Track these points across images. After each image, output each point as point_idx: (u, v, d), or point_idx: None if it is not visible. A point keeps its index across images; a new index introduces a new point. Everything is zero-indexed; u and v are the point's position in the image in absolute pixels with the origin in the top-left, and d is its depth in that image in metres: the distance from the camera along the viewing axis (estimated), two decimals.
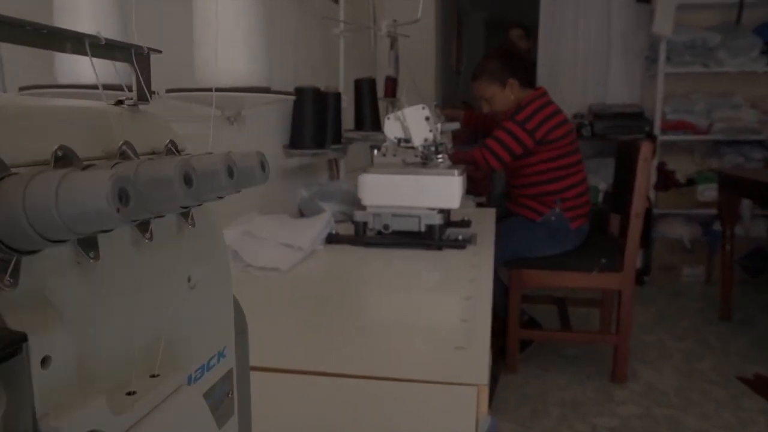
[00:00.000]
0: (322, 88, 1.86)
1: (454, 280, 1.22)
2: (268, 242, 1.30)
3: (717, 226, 3.72)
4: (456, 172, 1.38)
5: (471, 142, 2.79)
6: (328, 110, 1.86)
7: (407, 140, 1.47)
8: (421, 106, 1.44)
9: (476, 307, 1.00)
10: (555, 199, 2.32)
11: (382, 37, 3.04)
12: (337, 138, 1.91)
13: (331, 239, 1.47)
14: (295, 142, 1.72)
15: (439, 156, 1.47)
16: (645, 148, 2.26)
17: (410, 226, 1.43)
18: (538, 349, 2.64)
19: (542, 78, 3.95)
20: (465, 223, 1.67)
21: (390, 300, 1.10)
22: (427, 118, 1.44)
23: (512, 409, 2.21)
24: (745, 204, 3.50)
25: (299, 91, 1.70)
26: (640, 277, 3.74)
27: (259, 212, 1.54)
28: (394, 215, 1.43)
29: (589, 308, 2.95)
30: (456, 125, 1.56)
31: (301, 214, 1.83)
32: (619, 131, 3.67)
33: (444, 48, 4.75)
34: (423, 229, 1.42)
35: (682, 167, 3.93)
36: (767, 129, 3.67)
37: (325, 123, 1.86)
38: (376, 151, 1.54)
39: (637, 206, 2.29)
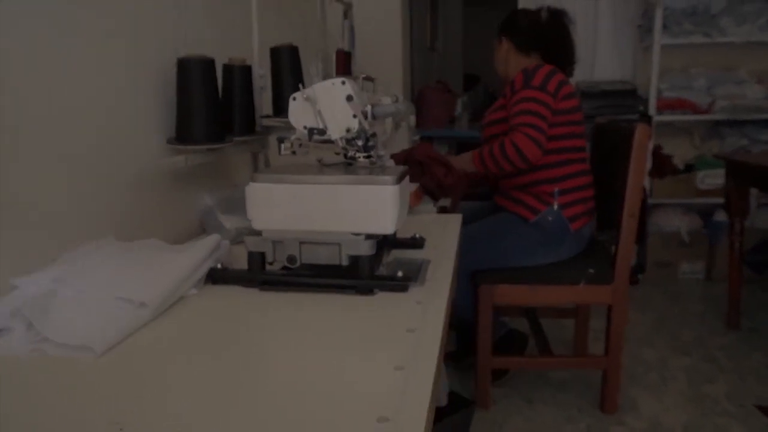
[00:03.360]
0: (227, 60, 1.40)
1: (385, 339, 0.79)
2: (90, 297, 0.84)
3: (719, 217, 3.33)
4: (390, 177, 0.94)
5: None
6: (234, 90, 1.39)
7: (322, 131, 1.01)
8: (340, 80, 0.99)
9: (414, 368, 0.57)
10: (552, 190, 1.90)
11: (333, 3, 2.57)
12: (250, 126, 1.45)
13: (216, 277, 1.02)
14: (181, 134, 1.26)
15: (370, 154, 1.02)
16: (641, 133, 1.84)
17: (326, 257, 0.99)
18: (518, 371, 2.23)
19: None
20: (416, 242, 1.23)
21: (289, 374, 0.68)
22: (350, 98, 0.99)
23: None
24: (752, 192, 3.09)
25: (183, 65, 1.24)
26: (634, 275, 3.34)
27: (122, 233, 1.09)
28: (303, 243, 0.99)
29: (561, 318, 2.55)
30: (399, 108, 1.10)
31: (205, 232, 1.39)
32: (609, 111, 3.24)
33: (417, 23, 4.29)
34: (345, 262, 0.98)
35: (679, 151, 3.52)
36: None
37: (231, 107, 1.40)
38: (282, 147, 1.09)
39: (632, 204, 1.87)
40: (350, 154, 1.03)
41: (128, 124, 1.17)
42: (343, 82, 0.99)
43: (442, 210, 1.67)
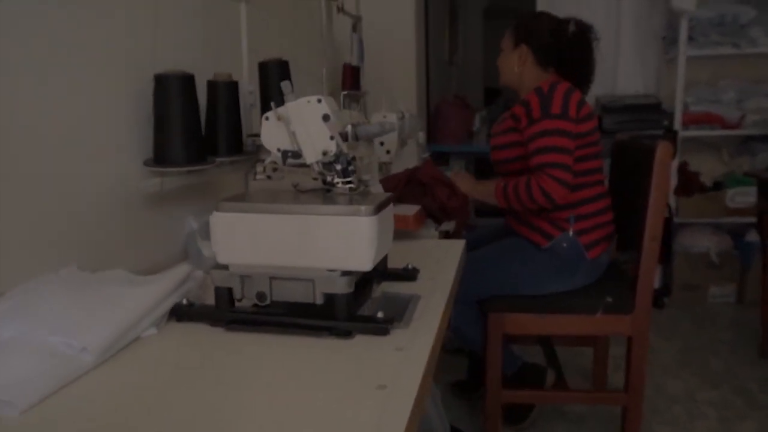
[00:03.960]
0: (212, 76, 1.31)
1: (355, 395, 0.69)
2: (27, 339, 0.75)
3: (751, 237, 3.15)
4: (366, 207, 0.83)
5: None
6: (219, 108, 1.31)
7: (296, 154, 0.92)
8: (315, 98, 0.90)
9: None
10: (567, 216, 1.76)
11: (340, 16, 2.50)
12: (237, 146, 1.37)
13: (180, 314, 0.93)
14: (159, 155, 1.18)
15: (350, 179, 0.92)
16: (662, 151, 1.71)
17: (299, 295, 0.89)
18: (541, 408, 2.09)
19: None
20: (408, 274, 1.12)
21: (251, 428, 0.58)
22: (327, 118, 0.89)
23: None
24: None
25: (160, 81, 1.16)
26: (659, 298, 3.17)
27: (89, 262, 1.00)
28: (273, 278, 0.89)
29: (579, 347, 2.40)
30: (386, 128, 1.00)
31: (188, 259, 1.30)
32: (633, 126, 3.09)
33: (435, 36, 4.20)
34: (319, 300, 0.88)
35: (707, 168, 3.35)
36: None
37: (215, 126, 1.32)
38: (257, 171, 0.99)
39: (654, 227, 1.73)
40: (329, 179, 0.93)
41: (99, 144, 1.09)
42: (319, 100, 0.89)
43: (445, 235, 1.56)
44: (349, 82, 2.47)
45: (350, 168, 0.91)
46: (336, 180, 0.91)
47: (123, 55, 1.14)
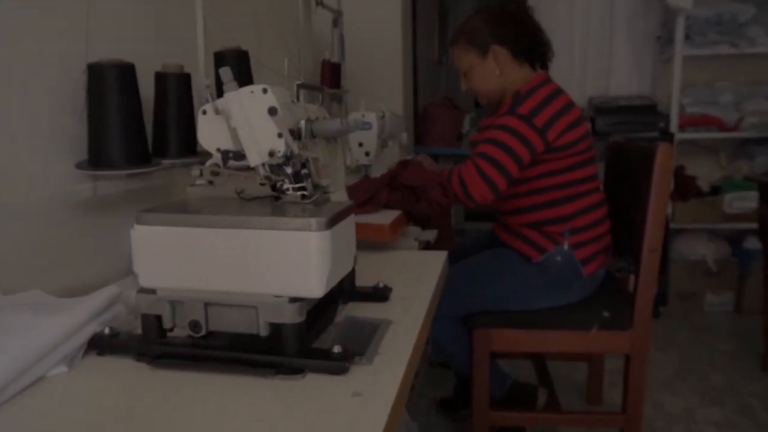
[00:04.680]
0: (161, 68, 1.16)
1: None
2: None
3: (750, 244, 3.03)
4: (317, 220, 0.68)
5: None
6: (167, 102, 1.16)
7: (239, 155, 0.77)
8: (260, 87, 0.75)
9: None
10: (562, 229, 1.61)
11: (319, 10, 2.35)
12: (190, 146, 1.21)
13: (101, 346, 0.78)
14: (93, 156, 1.03)
15: (303, 185, 0.77)
16: (663, 153, 1.58)
17: (240, 324, 0.74)
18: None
19: None
20: (379, 294, 0.97)
21: None
22: (274, 111, 0.74)
23: None
24: None
25: (94, 71, 1.00)
26: (655, 307, 3.03)
27: (5, 283, 0.85)
28: (209, 305, 0.74)
29: (573, 361, 2.27)
30: (349, 126, 0.85)
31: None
32: (627, 128, 2.96)
33: (423, 36, 4.06)
34: (264, 332, 0.73)
35: (704, 172, 3.22)
36: None
37: (164, 123, 1.17)
38: (194, 176, 0.84)
39: (653, 237, 1.59)
40: (278, 185, 0.78)
41: (19, 144, 0.93)
42: (265, 90, 0.74)
43: (426, 245, 1.41)
44: (329, 79, 2.33)
45: (303, 171, 0.76)
46: (286, 186, 0.76)
47: (51, 42, 0.99)
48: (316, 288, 0.69)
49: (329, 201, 0.80)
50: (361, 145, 1.89)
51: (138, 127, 1.07)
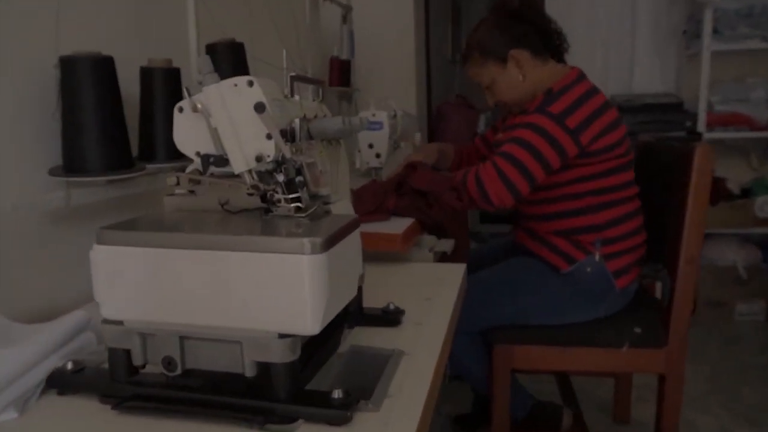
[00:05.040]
0: (147, 63, 1.05)
1: None
2: None
3: None
4: (310, 241, 0.56)
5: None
6: (154, 101, 1.04)
7: (221, 160, 0.65)
8: (246, 79, 0.63)
9: None
10: (593, 239, 1.47)
11: (327, 5, 2.24)
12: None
13: (62, 384, 0.66)
14: (68, 161, 0.92)
15: (297, 195, 0.65)
16: (702, 156, 1.44)
17: (221, 363, 0.62)
18: None
19: None
20: (390, 317, 0.85)
21: None
22: (261, 108, 0.62)
23: None
24: None
25: (68, 66, 0.89)
26: None
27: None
28: (185, 338, 0.62)
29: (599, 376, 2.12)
30: (361, 125, 0.73)
31: None
32: (652, 128, 2.82)
33: (436, 33, 3.94)
34: (250, 372, 0.61)
35: (734, 174, 3.06)
36: None
37: (150, 124, 1.05)
38: (175, 184, 0.72)
39: (691, 247, 1.46)
40: (268, 195, 0.66)
41: None
42: (251, 83, 0.62)
43: (442, 257, 1.28)
44: (337, 77, 2.21)
45: (298, 179, 0.64)
46: (277, 197, 0.64)
47: (18, 32, 0.88)
48: (310, 324, 0.56)
49: (329, 214, 0.68)
50: (371, 146, 1.76)
51: (118, 128, 0.95)
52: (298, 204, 0.64)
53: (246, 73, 1.16)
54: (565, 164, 1.42)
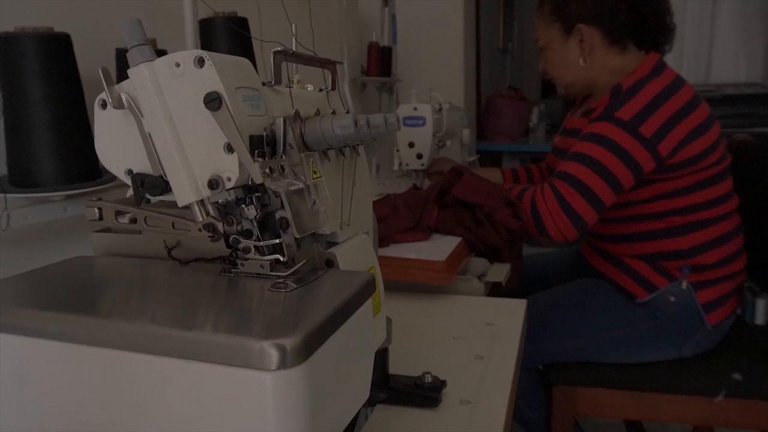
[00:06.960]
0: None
1: None
2: None
3: None
4: (277, 348, 0.32)
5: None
6: None
7: (158, 182, 0.42)
8: (194, 55, 0.39)
9: None
10: (680, 265, 1.19)
11: None
12: None
13: None
14: (15, 173, 0.71)
15: (277, 241, 0.42)
16: None
17: None
18: None
19: None
20: (424, 393, 0.62)
21: None
22: (216, 102, 0.39)
23: None
24: None
25: (9, 44, 0.68)
26: None
27: None
28: None
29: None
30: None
31: None
32: (736, 123, 2.47)
33: (486, 22, 3.66)
34: None
35: None
36: None
37: None
38: (96, 219, 0.50)
39: None
40: (232, 239, 0.42)
41: None
42: (201, 61, 0.39)
43: (495, 291, 1.02)
44: (376, 65, 1.97)
45: (279, 215, 0.40)
46: (244, 243, 0.41)
47: None
48: None
49: (332, 270, 0.44)
50: (411, 145, 1.52)
51: (80, 129, 0.74)
52: (278, 256, 0.40)
53: (251, 57, 0.93)
54: (640, 180, 1.15)
